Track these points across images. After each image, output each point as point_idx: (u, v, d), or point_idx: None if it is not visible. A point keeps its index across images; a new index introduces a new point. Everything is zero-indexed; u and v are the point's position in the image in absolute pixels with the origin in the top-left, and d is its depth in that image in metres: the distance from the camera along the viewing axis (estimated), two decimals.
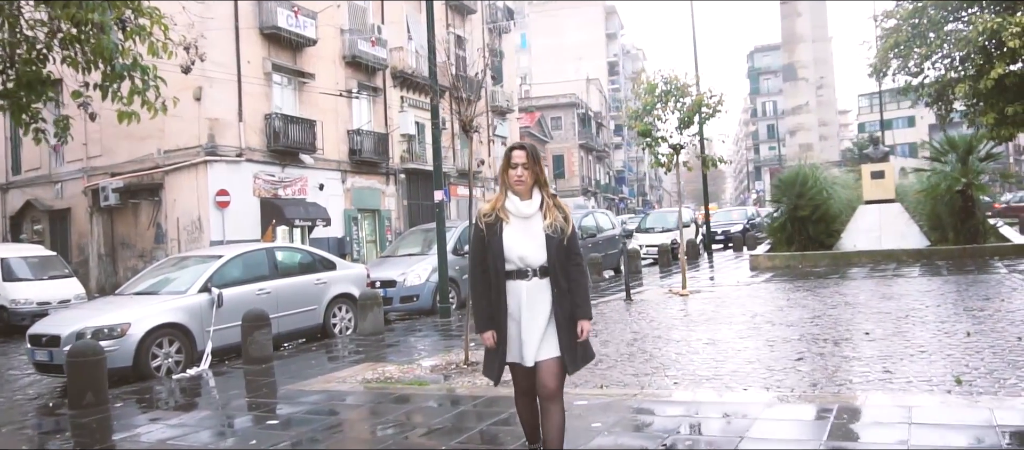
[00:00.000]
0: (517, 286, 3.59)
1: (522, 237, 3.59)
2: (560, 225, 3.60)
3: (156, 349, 9.13)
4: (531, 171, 3.59)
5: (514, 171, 3.59)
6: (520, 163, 3.58)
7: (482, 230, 3.65)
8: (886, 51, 19.53)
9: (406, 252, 15.56)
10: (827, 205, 18.66)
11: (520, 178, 3.57)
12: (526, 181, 3.58)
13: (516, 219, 3.61)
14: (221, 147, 23.15)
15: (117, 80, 5.12)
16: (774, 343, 7.95)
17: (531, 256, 3.58)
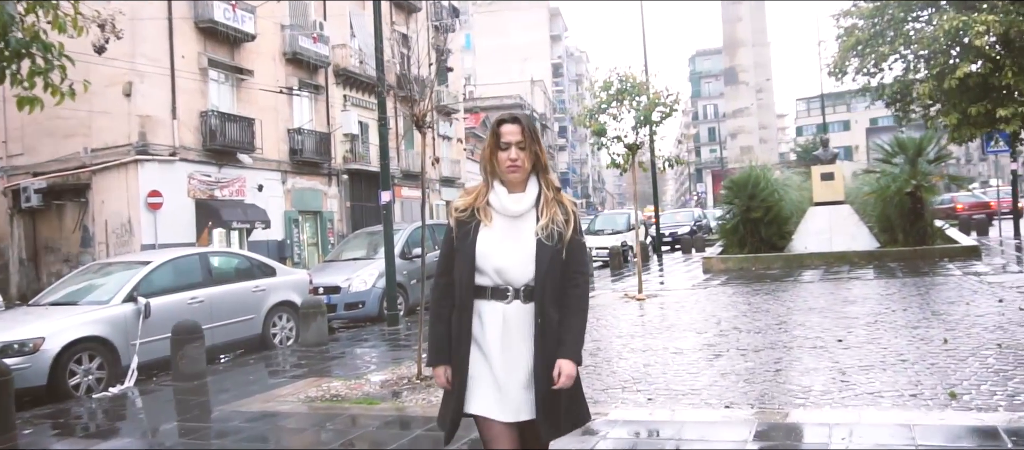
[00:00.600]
0: (492, 310, 2.58)
1: (503, 243, 2.57)
2: (558, 228, 2.58)
3: (74, 366, 8.27)
4: (528, 152, 2.61)
5: (505, 153, 2.59)
6: (514, 142, 2.59)
7: (452, 228, 2.70)
8: (846, 51, 19.50)
9: (351, 256, 14.82)
10: (779, 207, 18.55)
11: (515, 163, 2.58)
12: (523, 166, 2.60)
13: (500, 218, 2.61)
14: (153, 146, 22.00)
15: (15, 59, 4.39)
16: (746, 352, 7.54)
17: (513, 270, 2.56)
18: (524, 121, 2.64)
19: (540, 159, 2.64)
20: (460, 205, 2.68)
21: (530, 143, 2.61)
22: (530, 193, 2.63)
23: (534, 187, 2.64)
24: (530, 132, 2.63)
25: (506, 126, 2.63)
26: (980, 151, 63.45)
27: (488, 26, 76.66)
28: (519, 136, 2.60)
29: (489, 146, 2.65)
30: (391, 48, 31.68)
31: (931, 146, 18.08)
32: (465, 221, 2.63)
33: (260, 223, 24.67)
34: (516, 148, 2.59)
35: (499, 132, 2.62)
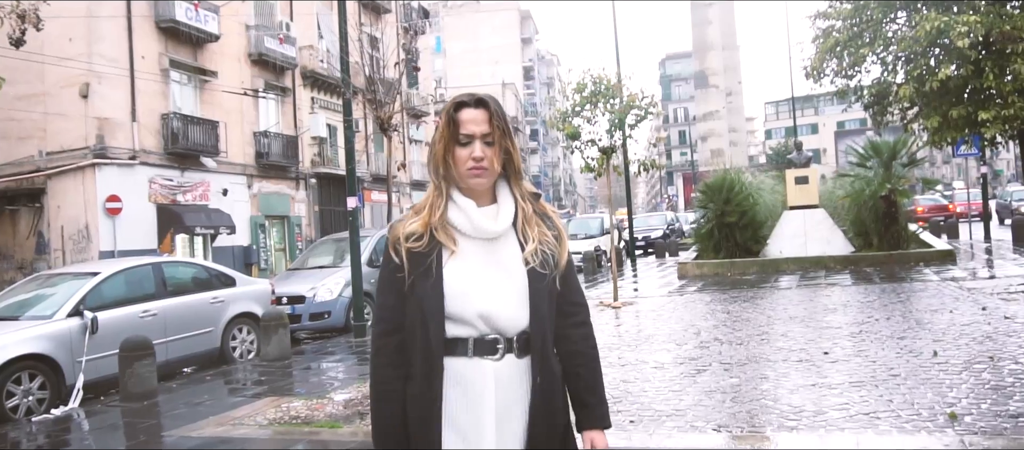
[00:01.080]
0: (477, 372, 1.84)
1: (484, 276, 1.85)
2: (551, 250, 1.92)
3: (13, 386, 7.70)
4: (498, 149, 1.88)
5: (466, 150, 1.86)
6: (478, 134, 1.86)
7: (400, 264, 1.87)
8: (824, 52, 19.31)
9: (316, 264, 14.30)
10: (754, 211, 18.34)
11: (480, 165, 1.85)
12: (490, 168, 1.87)
13: (470, 242, 1.87)
14: (112, 149, 21.25)
15: None
16: (730, 366, 7.19)
17: (503, 313, 1.84)
18: (492, 106, 1.88)
19: (513, 159, 1.90)
20: (411, 230, 1.87)
21: (500, 137, 1.86)
22: (506, 206, 1.91)
23: (508, 198, 1.93)
24: (500, 121, 1.87)
25: (467, 112, 1.86)
26: (944, 154, 64.22)
27: (459, 28, 76.20)
28: (485, 126, 1.85)
29: (442, 140, 1.87)
30: (359, 50, 31.19)
31: (905, 149, 17.98)
32: (421, 252, 1.85)
33: (225, 228, 24.01)
34: (482, 143, 1.84)
35: (457, 120, 1.85)
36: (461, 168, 1.84)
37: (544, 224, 1.94)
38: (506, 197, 1.92)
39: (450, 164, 1.86)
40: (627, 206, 26.81)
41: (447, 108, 1.89)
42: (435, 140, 1.89)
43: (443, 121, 1.87)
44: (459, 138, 1.84)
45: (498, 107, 1.90)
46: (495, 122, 1.85)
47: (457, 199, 1.87)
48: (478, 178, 1.84)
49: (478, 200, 1.88)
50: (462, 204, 1.86)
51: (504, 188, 1.93)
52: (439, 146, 1.88)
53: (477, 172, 1.83)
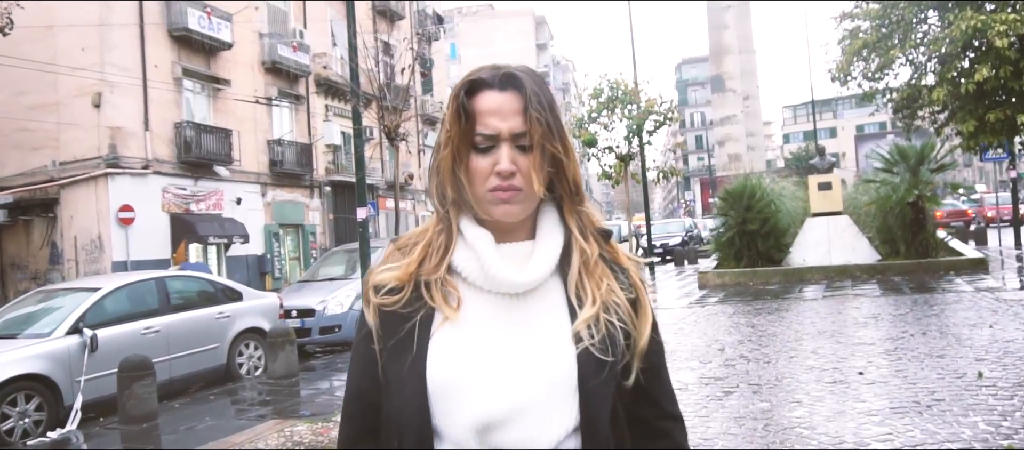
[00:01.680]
0: None
1: (497, 357, 1.17)
2: (620, 322, 1.21)
3: (8, 408, 7.42)
4: (539, 157, 1.18)
5: (486, 158, 1.18)
6: (506, 131, 1.18)
7: (373, 334, 1.24)
8: (851, 54, 18.73)
9: (327, 276, 13.97)
10: (776, 218, 17.83)
11: (510, 184, 1.17)
12: (528, 189, 1.18)
13: (480, 299, 1.22)
14: (124, 158, 21.08)
15: None
16: (758, 388, 6.77)
17: (527, 426, 1.15)
18: (529, 86, 1.19)
19: (566, 171, 1.23)
20: (381, 281, 1.25)
21: (545, 137, 1.18)
22: (548, 243, 1.24)
23: (555, 231, 1.25)
24: (543, 111, 1.18)
25: (488, 97, 1.19)
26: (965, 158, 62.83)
27: (473, 34, 76.07)
28: (518, 120, 1.18)
29: (449, 143, 1.20)
30: (373, 57, 30.97)
31: (933, 154, 17.42)
32: (397, 313, 1.20)
33: (238, 237, 23.80)
34: (512, 148, 1.18)
35: (471, 111, 1.19)
36: (479, 189, 1.18)
37: (614, 278, 1.23)
38: (551, 229, 1.24)
39: (462, 183, 1.20)
40: (645, 212, 26.38)
41: (456, 92, 1.21)
42: (439, 144, 1.23)
43: (450, 113, 1.20)
44: (475, 141, 1.18)
45: (540, 87, 1.20)
46: (535, 113, 1.16)
47: (468, 232, 1.22)
48: (507, 205, 1.17)
49: (505, 234, 1.23)
50: (474, 239, 1.21)
51: (550, 217, 1.25)
52: (444, 154, 1.20)
53: (505, 195, 1.16)
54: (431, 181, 1.26)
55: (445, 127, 1.21)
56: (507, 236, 1.24)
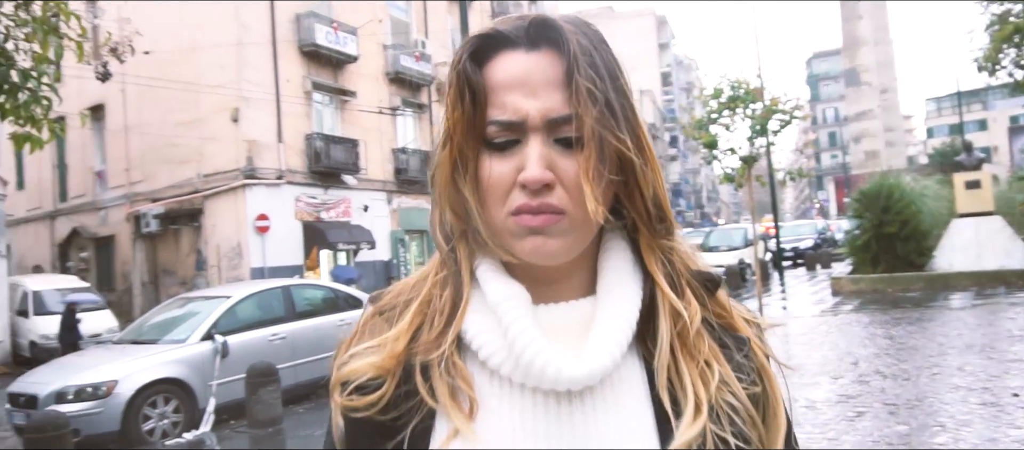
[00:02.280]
0: None
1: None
2: (740, 430, 0.79)
3: (149, 409, 7.88)
4: (593, 156, 0.75)
5: (505, 162, 0.78)
6: (537, 116, 0.77)
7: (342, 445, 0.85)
8: (999, 41, 17.29)
9: None
10: (917, 220, 16.65)
11: (545, 204, 0.77)
12: (573, 214, 0.78)
13: (514, 398, 0.79)
14: (260, 169, 22.22)
15: (14, 94, 3.87)
16: (895, 408, 6.27)
17: None
18: (577, 40, 0.78)
19: (641, 179, 0.80)
20: (357, 373, 0.82)
21: (602, 120, 0.76)
22: (617, 303, 0.81)
23: (628, 277, 0.83)
24: (599, 79, 0.77)
25: (509, 60, 0.80)
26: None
27: None
28: (556, 97, 0.78)
29: (450, 138, 0.80)
30: None
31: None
32: (382, 424, 0.80)
33: (366, 243, 24.60)
34: (546, 143, 0.78)
35: (483, 88, 0.79)
36: (494, 212, 0.79)
37: (725, 358, 0.82)
38: (623, 279, 0.83)
39: (469, 204, 0.80)
40: (773, 215, 25.31)
41: (458, 58, 0.81)
42: (442, 141, 0.81)
43: (452, 94, 0.80)
44: (488, 132, 0.79)
45: (595, 45, 0.80)
46: (587, 83, 0.76)
47: (488, 285, 0.82)
48: (540, 238, 0.78)
49: (545, 287, 0.83)
50: (497, 297, 0.80)
51: (620, 257, 0.84)
52: (441, 157, 0.81)
53: (536, 222, 0.77)
54: (435, 209, 0.87)
55: (447, 122, 0.80)
56: (550, 289, 0.83)
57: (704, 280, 0.86)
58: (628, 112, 0.79)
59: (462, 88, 0.79)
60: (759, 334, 0.88)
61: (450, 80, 0.81)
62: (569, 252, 0.80)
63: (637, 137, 0.79)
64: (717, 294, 0.87)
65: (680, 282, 0.83)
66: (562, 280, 0.84)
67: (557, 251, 0.79)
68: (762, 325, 0.90)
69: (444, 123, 0.80)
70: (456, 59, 0.81)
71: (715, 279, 0.87)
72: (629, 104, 0.80)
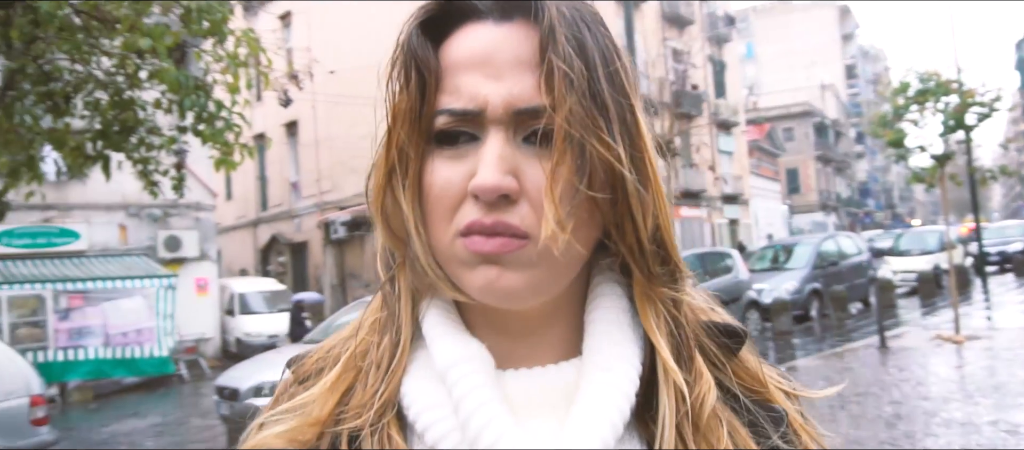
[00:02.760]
0: None
1: None
2: None
3: None
4: (571, 162, 0.58)
5: (453, 168, 0.61)
6: (503, 104, 0.60)
7: None
8: None
9: None
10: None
11: (499, 222, 0.59)
12: (536, 241, 0.59)
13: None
14: None
15: (211, 122, 4.36)
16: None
17: None
18: (555, 12, 0.60)
19: (633, 200, 0.61)
20: (266, 444, 0.66)
21: (584, 115, 0.58)
22: (608, 368, 0.63)
23: (621, 334, 0.65)
24: (583, 61, 0.59)
25: (470, 34, 0.63)
26: None
27: (771, 32, 72.61)
28: (525, 81, 0.60)
29: (391, 138, 0.65)
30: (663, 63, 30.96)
31: None
32: None
33: None
34: (510, 142, 0.61)
35: (435, 69, 0.63)
36: (439, 234, 0.63)
37: (759, 435, 0.67)
38: (616, 337, 0.65)
39: (411, 223, 0.63)
40: (974, 216, 23.17)
41: (404, 32, 0.65)
42: (381, 151, 0.67)
43: (393, 75, 0.65)
44: (436, 124, 0.63)
45: (581, 20, 0.62)
46: (564, 65, 0.58)
47: (434, 336, 0.65)
48: (493, 269, 0.61)
49: (514, 342, 0.67)
50: (445, 357, 0.63)
51: (611, 305, 0.66)
52: (379, 158, 0.67)
53: (489, 246, 0.60)
54: (381, 243, 0.71)
55: (389, 112, 0.65)
56: (521, 346, 0.66)
57: (719, 332, 0.69)
58: (626, 113, 0.61)
59: (407, 67, 0.63)
60: (800, 409, 0.72)
61: (392, 58, 0.64)
62: (534, 291, 0.61)
63: (636, 148, 0.61)
64: (742, 356, 0.69)
65: (688, 344, 0.64)
66: (538, 333, 0.66)
67: (516, 289, 0.60)
68: (797, 392, 0.72)
69: (391, 116, 0.64)
70: (402, 31, 0.64)
71: (738, 333, 0.69)
72: (628, 104, 0.62)
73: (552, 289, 0.63)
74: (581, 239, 0.60)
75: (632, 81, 0.64)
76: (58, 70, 4.49)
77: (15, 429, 6.51)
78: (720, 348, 0.69)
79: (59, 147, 4.92)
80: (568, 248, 0.59)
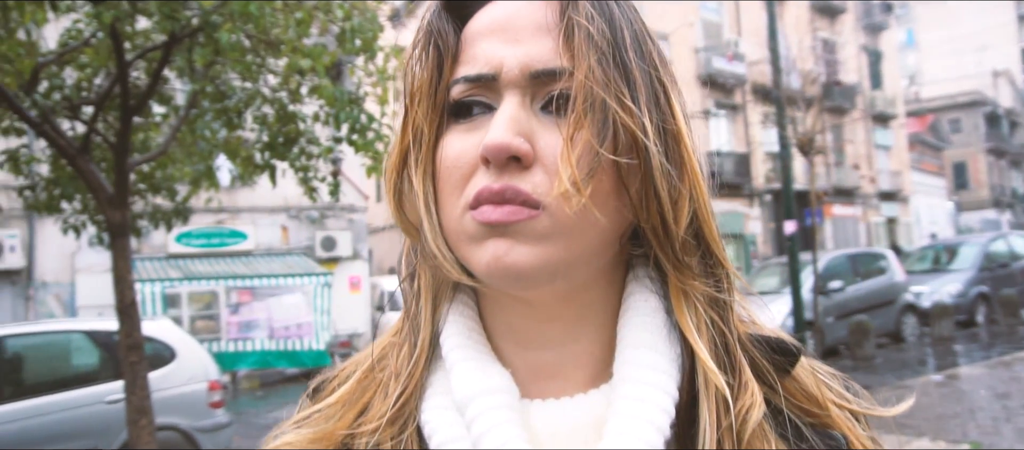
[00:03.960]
0: None
1: None
2: None
3: None
4: (590, 127, 0.55)
5: (466, 136, 0.60)
6: (520, 67, 0.58)
7: None
8: None
9: (759, 290, 13.76)
10: None
11: (507, 187, 0.56)
12: (550, 209, 0.56)
13: None
14: None
15: (363, 133, 4.72)
16: None
17: None
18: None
19: (658, 179, 0.57)
20: (293, 443, 0.66)
21: (603, 78, 0.56)
22: (640, 386, 0.57)
23: (655, 343, 0.59)
24: (604, 24, 0.58)
25: (490, 9, 0.62)
26: None
27: (933, 16, 67.74)
28: (543, 45, 0.59)
29: (408, 117, 0.63)
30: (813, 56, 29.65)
31: None
32: None
33: None
34: (525, 107, 0.58)
35: (448, 41, 0.62)
36: (449, 209, 0.60)
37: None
38: (647, 350, 0.59)
39: (427, 207, 0.61)
40: None
41: (430, 8, 0.64)
42: (395, 144, 0.65)
43: (415, 54, 0.63)
44: (452, 94, 0.61)
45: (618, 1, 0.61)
46: (587, 27, 0.57)
47: (454, 361, 0.61)
48: (502, 243, 0.56)
49: (534, 352, 0.63)
50: (465, 389, 0.58)
51: (642, 306, 0.61)
52: (395, 141, 0.64)
53: (495, 215, 0.56)
54: (405, 265, 0.70)
55: (406, 90, 0.64)
56: (546, 358, 0.62)
57: (768, 346, 0.62)
58: (655, 86, 0.60)
59: (427, 43, 0.62)
60: (871, 433, 0.65)
61: (414, 40, 0.63)
62: (546, 270, 0.56)
63: (667, 126, 0.59)
64: (797, 375, 0.63)
65: (733, 351, 0.59)
66: (564, 346, 0.62)
67: (526, 266, 0.55)
68: (864, 410, 0.66)
69: (409, 95, 0.63)
70: (426, 9, 0.64)
71: (791, 350, 0.62)
72: (658, 78, 0.61)
73: (569, 272, 0.58)
74: (602, 209, 0.56)
75: (661, 59, 0.63)
76: (231, 89, 5.04)
77: (196, 411, 7.22)
78: (772, 364, 0.62)
79: (232, 157, 5.53)
80: (585, 219, 0.55)
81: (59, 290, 15.63)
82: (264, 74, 5.09)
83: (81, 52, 5.08)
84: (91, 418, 6.92)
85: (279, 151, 5.13)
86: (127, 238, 4.85)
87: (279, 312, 15.82)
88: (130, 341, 4.75)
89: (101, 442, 6.87)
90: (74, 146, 4.65)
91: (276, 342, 15.54)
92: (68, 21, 4.98)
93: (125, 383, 4.80)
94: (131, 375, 4.75)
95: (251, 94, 5.14)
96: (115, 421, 6.83)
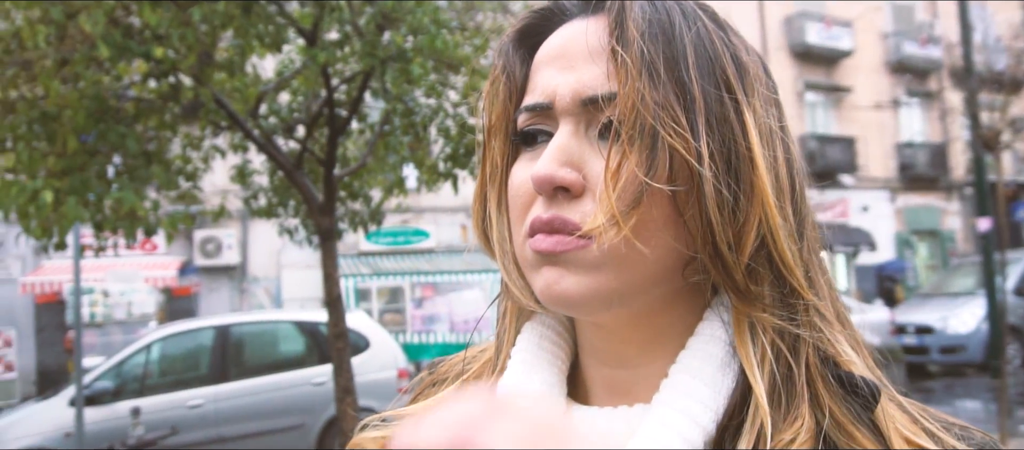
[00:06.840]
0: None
1: None
2: None
3: None
4: (638, 153, 0.55)
5: (528, 165, 0.62)
6: (571, 94, 0.59)
7: None
8: None
9: (953, 290, 12.93)
10: None
11: (555, 217, 0.58)
12: (596, 237, 0.55)
13: None
14: None
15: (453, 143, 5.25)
16: None
17: None
18: (636, 3, 0.58)
19: (714, 208, 0.56)
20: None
21: (651, 102, 0.55)
22: (662, 417, 0.56)
23: (711, 370, 0.58)
24: (652, 43, 0.56)
25: (556, 36, 0.63)
26: None
27: None
28: (594, 70, 0.59)
29: (485, 146, 0.67)
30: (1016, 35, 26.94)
31: None
32: None
33: (865, 245, 23.46)
34: (577, 135, 0.60)
35: (515, 72, 0.66)
36: (516, 239, 0.64)
37: None
38: (692, 377, 0.58)
39: (494, 228, 0.67)
40: None
41: (502, 44, 0.68)
42: (482, 172, 0.69)
43: (490, 88, 0.67)
44: (518, 123, 0.64)
45: (686, 14, 0.60)
46: (637, 48, 0.56)
47: (512, 363, 0.66)
48: (554, 272, 0.59)
49: (609, 368, 0.65)
50: (505, 387, 0.65)
51: (707, 335, 0.60)
52: (479, 170, 0.69)
53: (545, 244, 0.58)
54: None
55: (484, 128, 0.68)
56: (620, 375, 0.64)
57: (849, 384, 0.58)
58: (726, 108, 0.57)
59: (499, 75, 0.65)
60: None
61: (492, 75, 0.66)
62: (598, 299, 0.58)
63: (734, 147, 0.57)
64: (876, 414, 0.57)
65: (795, 387, 0.56)
66: (636, 365, 0.62)
67: (576, 295, 0.57)
68: None
69: (487, 132, 0.67)
70: (500, 44, 0.67)
71: (872, 389, 0.57)
72: (731, 99, 0.58)
73: (624, 300, 0.58)
74: (650, 240, 0.55)
75: (746, 75, 0.60)
76: (418, 105, 5.64)
77: (388, 395, 7.97)
78: (855, 403, 0.57)
79: (419, 167, 6.16)
80: (631, 251, 0.55)
81: (267, 284, 17.40)
82: (446, 92, 5.66)
83: (293, 79, 5.91)
84: (300, 398, 7.87)
85: (460, 161, 5.67)
86: (334, 241, 5.56)
87: (459, 306, 16.66)
88: (337, 330, 5.44)
89: (307, 419, 7.80)
90: (290, 162, 5.42)
91: (456, 336, 16.36)
92: (281, 53, 5.81)
93: (333, 367, 5.51)
94: (338, 360, 5.44)
95: (435, 110, 5.72)
96: (320, 401, 7.74)
